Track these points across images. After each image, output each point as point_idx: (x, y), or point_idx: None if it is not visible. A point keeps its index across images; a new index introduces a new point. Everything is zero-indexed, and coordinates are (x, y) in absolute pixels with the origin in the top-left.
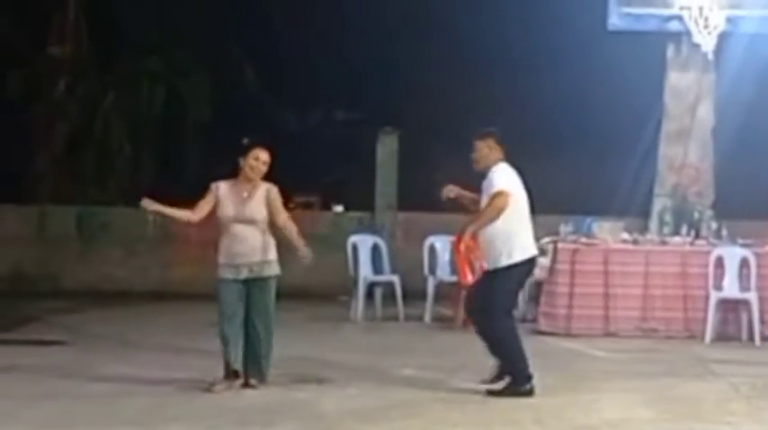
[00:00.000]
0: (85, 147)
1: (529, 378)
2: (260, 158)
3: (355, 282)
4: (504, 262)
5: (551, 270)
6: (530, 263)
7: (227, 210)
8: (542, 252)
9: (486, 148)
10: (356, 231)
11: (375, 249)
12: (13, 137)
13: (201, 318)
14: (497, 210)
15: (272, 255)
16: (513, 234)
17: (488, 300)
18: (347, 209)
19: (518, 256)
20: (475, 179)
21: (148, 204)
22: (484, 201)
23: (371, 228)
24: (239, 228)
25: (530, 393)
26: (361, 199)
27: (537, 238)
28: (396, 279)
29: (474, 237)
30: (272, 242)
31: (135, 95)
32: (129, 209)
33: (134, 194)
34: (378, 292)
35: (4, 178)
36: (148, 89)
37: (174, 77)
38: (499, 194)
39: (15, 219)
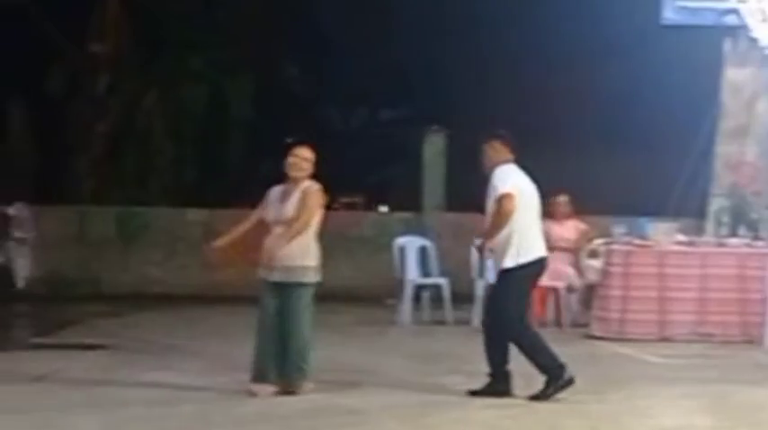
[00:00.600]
0: (126, 147)
1: (562, 367)
2: (297, 154)
3: (402, 284)
4: (510, 263)
5: (604, 273)
6: (537, 264)
7: (270, 211)
8: (595, 254)
9: (490, 151)
10: (403, 233)
11: (422, 251)
12: (53, 135)
13: (245, 322)
14: (506, 216)
15: (311, 261)
16: (518, 234)
17: (498, 303)
18: (392, 209)
19: (524, 257)
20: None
21: (216, 248)
22: (489, 205)
23: (418, 230)
24: (278, 230)
25: (571, 382)
26: (407, 199)
27: (589, 239)
28: (444, 282)
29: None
30: (311, 247)
31: (177, 94)
32: (171, 209)
33: (176, 195)
34: (425, 296)
35: (43, 178)
36: (190, 87)
37: (216, 75)
38: (504, 198)
39: (55, 220)
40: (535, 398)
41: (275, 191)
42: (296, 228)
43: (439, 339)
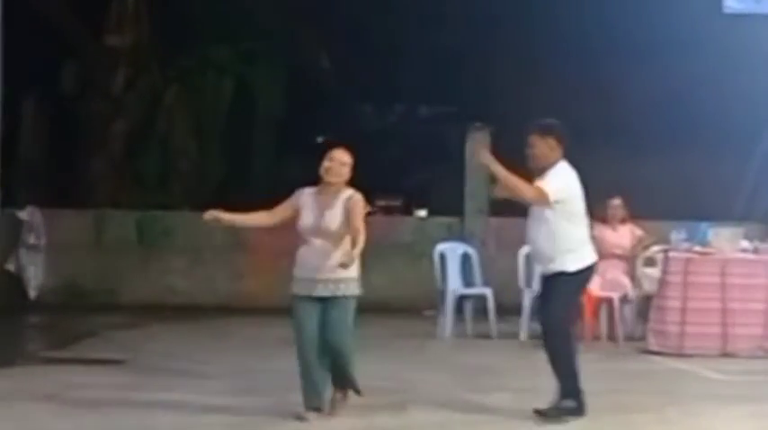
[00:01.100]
0: (146, 146)
1: (580, 394)
2: (335, 158)
3: (443, 295)
4: (558, 267)
5: (661, 282)
6: (587, 271)
7: (306, 219)
8: (652, 262)
9: (545, 148)
10: (444, 239)
11: (465, 259)
12: (68, 135)
13: (276, 336)
14: (526, 194)
15: (352, 272)
16: (567, 240)
17: (543, 309)
18: (432, 214)
19: (575, 265)
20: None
21: (212, 217)
22: (537, 183)
23: (460, 236)
24: (317, 241)
25: (575, 411)
26: (448, 203)
27: (646, 246)
28: (488, 292)
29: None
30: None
31: (200, 89)
32: (195, 213)
33: (199, 197)
34: (468, 307)
35: (58, 180)
36: (215, 81)
37: (243, 68)
38: (542, 192)
39: (70, 225)
40: (541, 413)
41: (307, 195)
42: (359, 244)
43: (483, 354)
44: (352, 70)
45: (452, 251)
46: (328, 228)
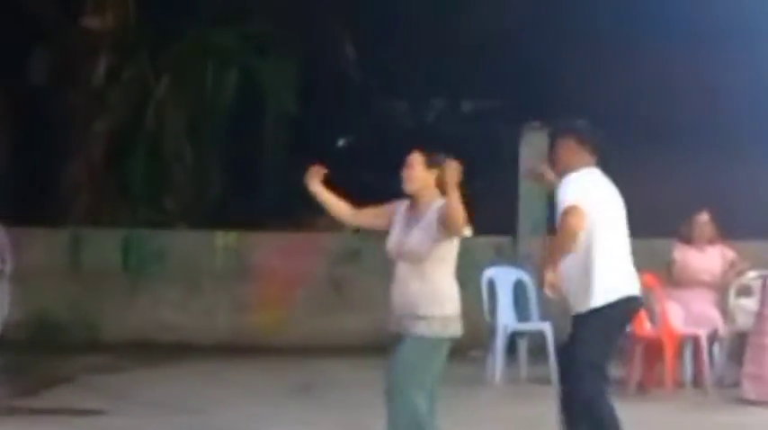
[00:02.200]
0: (133, 151)
1: None
2: (406, 163)
3: (492, 331)
4: (583, 306)
5: (759, 316)
6: (621, 306)
7: (390, 239)
8: (747, 291)
9: (563, 151)
10: (493, 263)
11: (518, 287)
12: (40, 137)
13: (289, 382)
14: (571, 235)
15: (430, 309)
16: (591, 266)
17: (571, 354)
18: (478, 232)
19: (601, 298)
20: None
21: (313, 178)
22: (558, 221)
23: (513, 259)
24: (400, 267)
25: None
26: (497, 219)
27: (739, 272)
28: (547, 327)
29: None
30: (433, 290)
31: (198, 81)
32: (191, 233)
33: (197, 212)
34: (522, 345)
35: (28, 193)
36: (216, 73)
37: (249, 57)
38: (569, 212)
39: (42, 246)
40: None
41: (404, 208)
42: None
43: (541, 403)
44: (380, 59)
45: (503, 278)
46: (411, 251)
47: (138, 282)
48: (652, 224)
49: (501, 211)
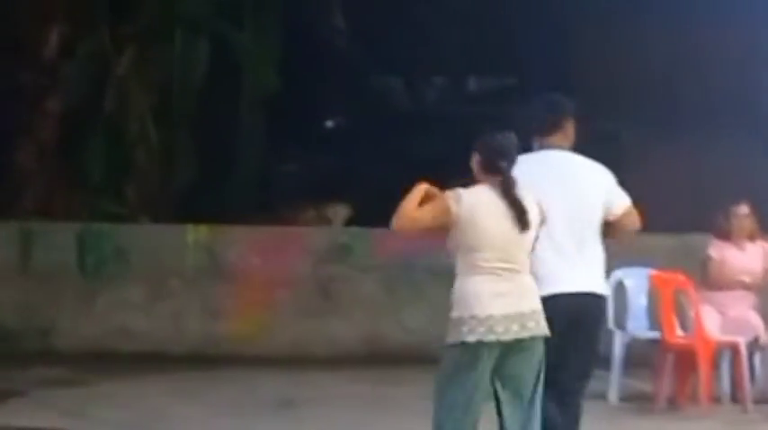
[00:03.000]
0: (91, 134)
1: None
2: None
3: None
4: None
5: None
6: (553, 301)
7: None
8: None
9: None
10: None
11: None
12: None
13: (268, 394)
14: None
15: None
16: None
17: None
18: None
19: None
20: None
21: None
22: None
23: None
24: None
25: None
26: None
27: None
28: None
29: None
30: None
31: (165, 55)
32: (157, 227)
33: (164, 204)
34: None
35: None
36: (185, 45)
37: (223, 27)
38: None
39: None
40: None
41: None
42: None
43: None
44: (373, 30)
45: None
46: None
47: (96, 283)
48: (684, 218)
49: None
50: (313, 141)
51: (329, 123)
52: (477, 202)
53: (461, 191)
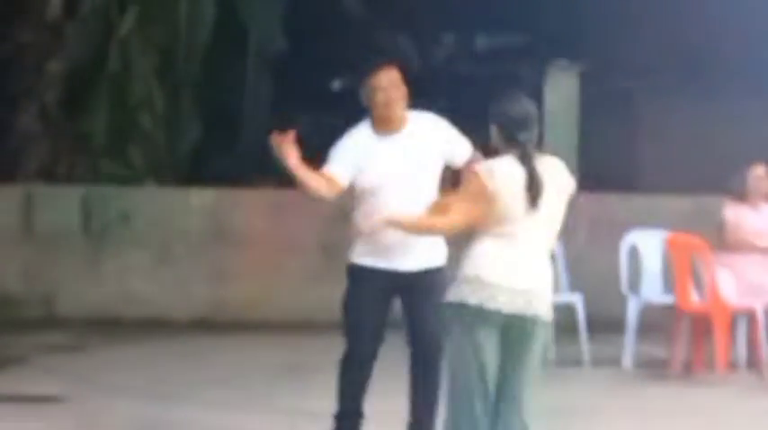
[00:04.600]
0: (95, 96)
1: None
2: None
3: None
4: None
5: None
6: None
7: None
8: None
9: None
10: None
11: None
12: None
13: (274, 360)
14: None
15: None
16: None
17: None
18: None
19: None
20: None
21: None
22: None
23: None
24: None
25: None
26: None
27: None
28: (577, 300)
29: None
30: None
31: (169, 15)
32: (162, 190)
33: (169, 167)
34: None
35: None
36: (189, 5)
37: None
38: None
39: None
40: None
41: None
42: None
43: (571, 388)
44: None
45: None
46: None
47: (100, 247)
48: (698, 178)
49: None
50: (320, 102)
51: (337, 83)
52: (505, 175)
53: (492, 164)
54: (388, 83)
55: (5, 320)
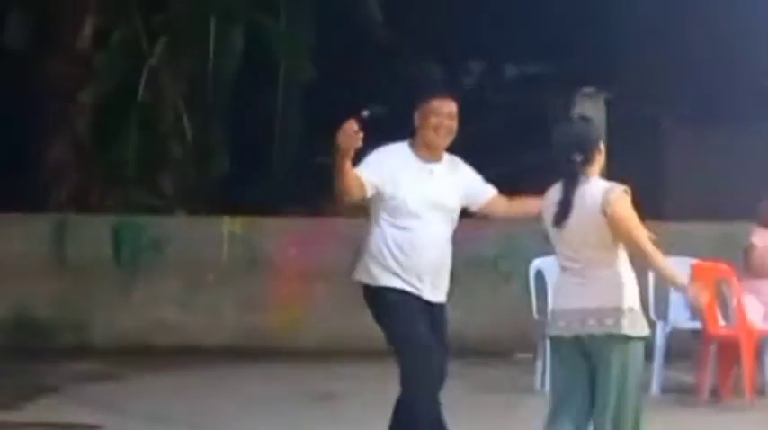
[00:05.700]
0: (125, 125)
1: None
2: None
3: (542, 330)
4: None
5: None
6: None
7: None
8: None
9: None
10: (542, 253)
11: None
12: (17, 109)
13: (306, 388)
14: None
15: None
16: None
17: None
18: None
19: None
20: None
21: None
22: None
23: None
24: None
25: None
26: None
27: None
28: None
29: None
30: None
31: (199, 44)
32: (193, 218)
33: (199, 195)
34: None
35: (4, 174)
36: (219, 34)
37: (257, 15)
38: None
39: (21, 236)
40: None
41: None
42: None
43: None
44: (410, 16)
45: (554, 269)
46: None
47: (132, 276)
48: (726, 205)
49: None
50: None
51: (366, 111)
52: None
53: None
54: (448, 111)
55: (38, 349)
